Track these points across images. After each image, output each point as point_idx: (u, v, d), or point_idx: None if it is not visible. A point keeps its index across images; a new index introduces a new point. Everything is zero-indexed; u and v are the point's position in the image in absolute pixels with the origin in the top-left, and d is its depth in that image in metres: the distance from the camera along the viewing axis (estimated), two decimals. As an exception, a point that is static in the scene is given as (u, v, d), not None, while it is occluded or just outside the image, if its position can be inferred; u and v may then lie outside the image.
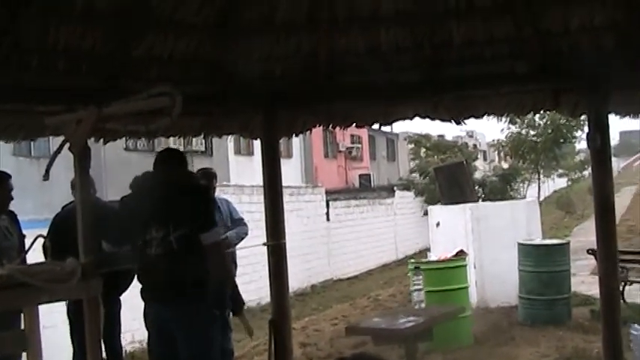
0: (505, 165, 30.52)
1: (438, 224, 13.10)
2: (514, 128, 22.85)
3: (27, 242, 6.20)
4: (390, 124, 10.46)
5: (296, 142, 29.61)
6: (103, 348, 3.75)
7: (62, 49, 5.18)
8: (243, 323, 6.68)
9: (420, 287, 8.81)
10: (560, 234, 21.58)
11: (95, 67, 5.43)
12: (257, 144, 6.86)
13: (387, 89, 6.11)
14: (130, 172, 5.58)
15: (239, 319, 6.75)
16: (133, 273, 6.06)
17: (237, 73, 6.10)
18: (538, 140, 22.57)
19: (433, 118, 6.33)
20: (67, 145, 2.97)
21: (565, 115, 15.51)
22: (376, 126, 7.36)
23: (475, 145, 42.35)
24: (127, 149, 20.12)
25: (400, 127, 38.70)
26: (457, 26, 5.78)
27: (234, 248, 7.47)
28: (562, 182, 36.82)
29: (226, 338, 6.85)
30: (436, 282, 9.46)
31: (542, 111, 8.05)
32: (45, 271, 2.83)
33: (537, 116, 20.96)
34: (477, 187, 22.04)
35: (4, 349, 3.00)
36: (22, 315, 3.00)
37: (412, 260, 11.79)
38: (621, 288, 10.17)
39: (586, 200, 26.48)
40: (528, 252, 10.77)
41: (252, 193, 15.81)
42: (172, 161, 5.41)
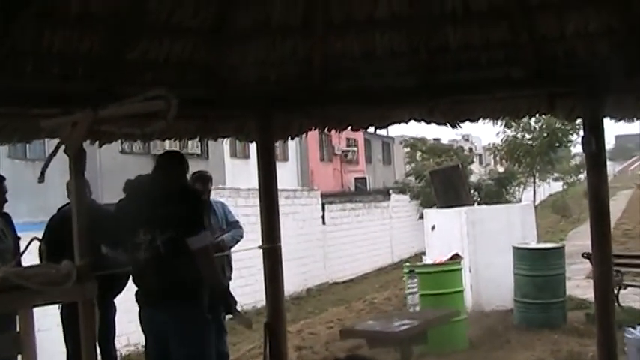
0: (501, 169, 30.54)
1: (434, 228, 13.08)
2: (510, 132, 22.86)
3: (22, 245, 6.20)
4: (386, 128, 10.44)
5: (292, 146, 29.60)
6: (98, 351, 3.75)
7: (58, 53, 5.20)
8: (239, 320, 6.47)
9: (415, 290, 8.80)
10: (555, 238, 21.57)
11: (91, 71, 5.44)
12: (253, 147, 6.86)
13: (383, 93, 6.12)
14: (126, 175, 5.56)
15: (234, 318, 6.58)
16: (127, 276, 6.05)
17: (232, 77, 6.11)
18: (533, 144, 22.57)
19: (429, 122, 6.35)
20: (63, 148, 2.98)
21: (560, 119, 15.57)
22: (372, 129, 7.37)
23: (471, 149, 42.46)
24: (123, 152, 20.09)
25: (396, 131, 38.67)
26: (453, 31, 5.80)
27: (229, 251, 7.46)
28: (558, 186, 36.80)
29: (222, 341, 6.83)
30: (431, 285, 9.45)
31: (537, 115, 8.08)
32: (40, 274, 2.82)
33: (533, 120, 20.98)
34: (473, 191, 22.08)
35: (0, 352, 3.00)
36: (17, 317, 3.00)
37: (407, 263, 11.78)
38: (616, 292, 10.20)
39: (582, 204, 26.48)
40: (523, 255, 10.77)
41: (247, 197, 15.78)
42: (166, 165, 5.41)
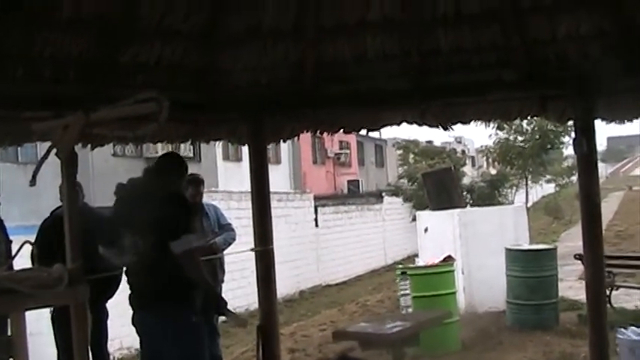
0: (493, 171, 30.56)
1: (426, 230, 13.10)
2: (502, 134, 22.89)
3: (14, 248, 6.18)
4: (378, 130, 10.46)
5: (284, 148, 29.61)
6: (91, 356, 3.74)
7: (49, 57, 5.18)
8: (233, 320, 6.36)
9: (408, 292, 8.80)
10: (548, 239, 21.64)
11: (82, 75, 5.42)
12: (245, 150, 6.86)
13: (375, 96, 6.12)
14: (118, 178, 5.56)
15: (228, 319, 6.45)
16: (119, 280, 6.05)
17: (224, 81, 6.11)
18: (526, 146, 22.59)
19: (421, 124, 6.35)
20: (54, 151, 2.97)
21: (552, 121, 15.58)
22: (364, 132, 7.38)
23: (463, 151, 42.52)
24: (115, 155, 20.06)
25: (389, 133, 38.84)
26: (445, 34, 5.81)
27: (222, 254, 7.46)
28: (550, 188, 36.85)
29: (215, 344, 6.83)
30: (424, 287, 9.46)
31: (529, 117, 8.10)
32: (31, 278, 2.81)
33: (525, 122, 20.99)
34: (465, 193, 22.12)
35: (-9, 355, 2.99)
36: (9, 321, 3.00)
37: (400, 266, 11.79)
38: (608, 293, 10.23)
39: (574, 206, 26.50)
40: (516, 257, 10.80)
41: (240, 199, 15.76)
42: (160, 168, 5.43)
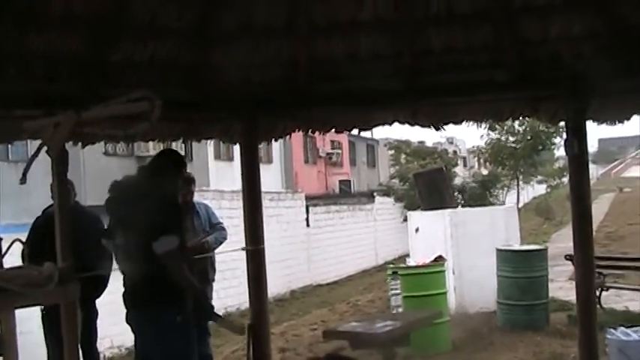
0: (485, 171, 30.63)
1: (417, 230, 13.12)
2: (494, 135, 22.94)
3: (4, 246, 6.15)
4: (370, 130, 10.47)
5: (276, 148, 29.61)
6: (81, 355, 3.73)
7: (41, 55, 5.16)
8: (225, 326, 6.31)
9: (398, 292, 8.81)
10: (538, 240, 21.69)
11: (74, 73, 5.40)
12: (237, 149, 6.85)
13: (367, 96, 6.12)
14: (110, 177, 5.56)
15: (219, 325, 6.25)
16: (108, 278, 6.06)
17: (216, 79, 6.10)
18: (517, 147, 22.66)
19: (412, 124, 6.36)
20: (45, 149, 2.96)
21: (544, 122, 15.63)
22: (356, 131, 7.37)
23: (455, 152, 42.59)
24: (107, 154, 20.01)
25: (380, 133, 38.89)
26: (437, 34, 5.81)
27: (213, 253, 7.45)
28: (541, 189, 36.90)
29: (205, 343, 6.81)
30: (414, 287, 9.47)
31: (520, 117, 8.13)
32: (22, 276, 2.80)
33: (517, 123, 21.07)
34: (457, 193, 22.17)
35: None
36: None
37: (391, 266, 11.80)
38: (598, 293, 10.28)
39: (565, 207, 26.59)
40: (507, 258, 10.82)
41: (231, 199, 15.76)
42: (154, 167, 5.46)
